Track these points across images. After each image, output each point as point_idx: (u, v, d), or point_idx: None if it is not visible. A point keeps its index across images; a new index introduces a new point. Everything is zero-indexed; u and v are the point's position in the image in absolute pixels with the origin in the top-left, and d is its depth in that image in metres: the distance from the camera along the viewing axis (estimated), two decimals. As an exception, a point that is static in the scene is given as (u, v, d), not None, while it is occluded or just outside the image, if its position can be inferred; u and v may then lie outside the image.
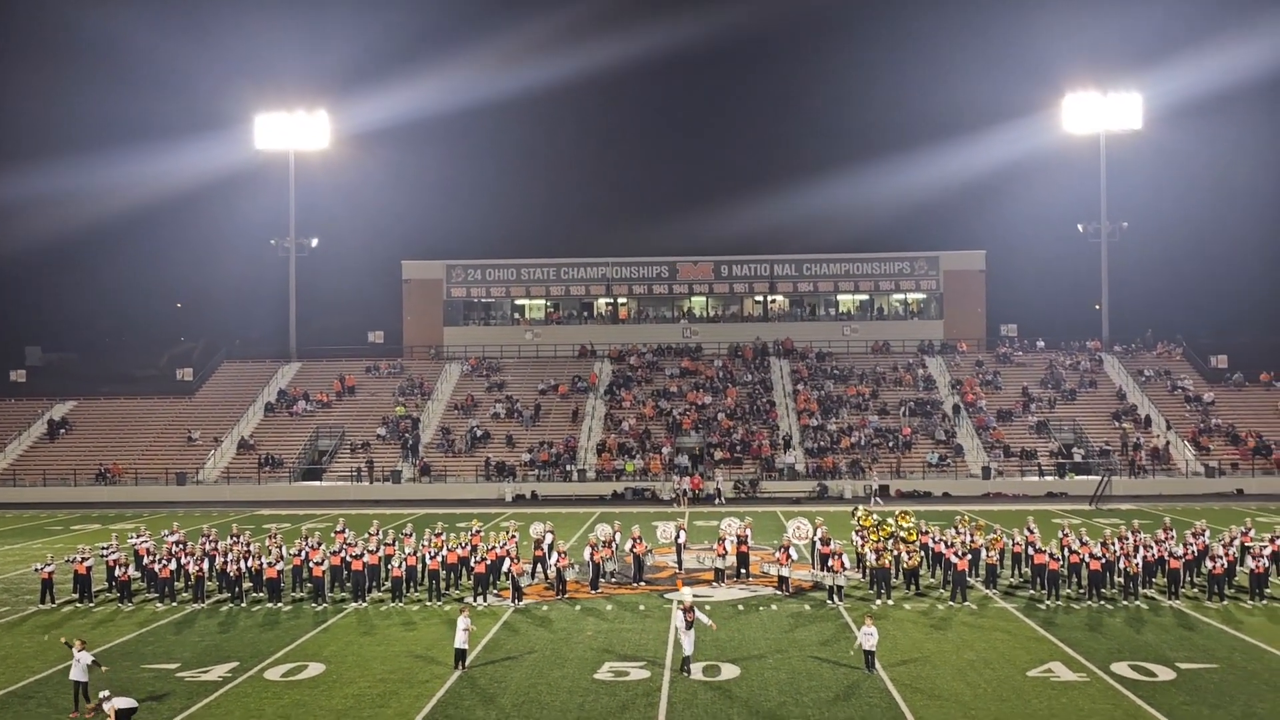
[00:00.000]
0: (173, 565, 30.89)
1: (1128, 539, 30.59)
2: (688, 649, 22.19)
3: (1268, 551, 30.46)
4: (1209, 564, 29.70)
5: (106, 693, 18.90)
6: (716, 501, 57.36)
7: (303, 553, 31.43)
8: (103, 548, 33.21)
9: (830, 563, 29.65)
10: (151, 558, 31.84)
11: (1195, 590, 30.22)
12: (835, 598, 29.10)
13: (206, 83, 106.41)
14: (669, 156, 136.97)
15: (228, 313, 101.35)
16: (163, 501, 60.90)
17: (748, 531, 33.55)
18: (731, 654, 23.73)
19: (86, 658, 20.05)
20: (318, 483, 64.59)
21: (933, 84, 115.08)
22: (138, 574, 32.67)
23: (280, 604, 29.59)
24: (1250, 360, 76.06)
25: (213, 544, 32.22)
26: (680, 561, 34.56)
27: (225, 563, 30.66)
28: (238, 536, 32.57)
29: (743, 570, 32.61)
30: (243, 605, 29.62)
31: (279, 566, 30.31)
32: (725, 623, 26.77)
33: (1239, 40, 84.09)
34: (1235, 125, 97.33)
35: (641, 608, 28.54)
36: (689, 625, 22.17)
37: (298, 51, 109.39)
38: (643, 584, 31.91)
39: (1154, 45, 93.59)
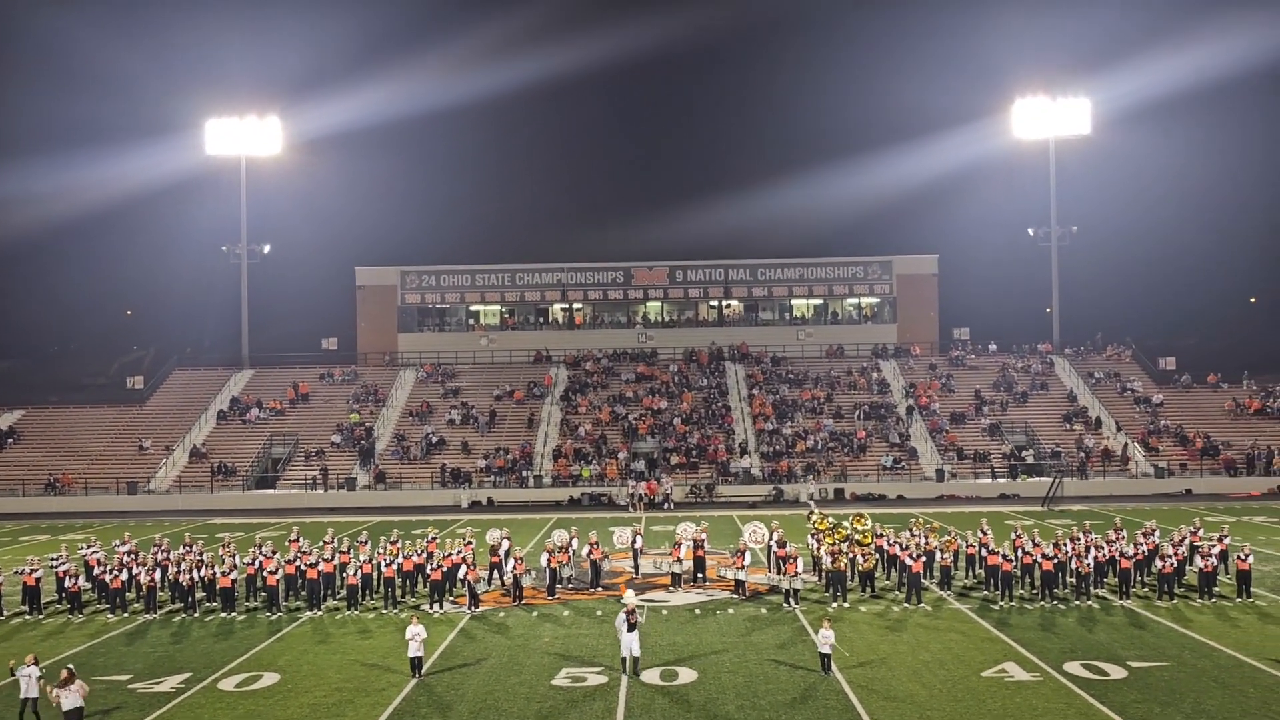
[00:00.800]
0: (124, 575, 30.52)
1: (1079, 539, 30.92)
2: (635, 650, 22.23)
3: (1216, 550, 30.89)
4: (1159, 563, 30.09)
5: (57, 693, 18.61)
6: (666, 506, 57.42)
7: (257, 561, 31.16)
8: (52, 558, 32.80)
9: (786, 566, 29.77)
10: (102, 568, 31.45)
11: (1145, 589, 30.59)
12: (791, 601, 29.22)
13: (156, 87, 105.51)
14: (623, 162, 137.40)
15: (179, 320, 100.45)
16: (114, 511, 60.13)
17: (704, 536, 33.63)
18: (689, 658, 23.76)
19: (36, 672, 19.74)
20: (271, 491, 64.04)
21: (885, 89, 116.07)
22: (88, 585, 32.26)
23: (234, 613, 29.31)
24: (1198, 362, 77.24)
25: (165, 553, 31.91)
26: (637, 566, 34.57)
27: (178, 572, 30.35)
28: (190, 546, 32.27)
29: (699, 574, 32.67)
30: (196, 615, 29.32)
31: (232, 575, 30.04)
32: (682, 627, 26.81)
33: (1185, 47, 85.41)
34: (1182, 131, 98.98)
35: (599, 613, 28.51)
36: (631, 627, 22.21)
37: (249, 56, 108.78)
38: (600, 589, 31.88)
39: (1102, 51, 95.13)
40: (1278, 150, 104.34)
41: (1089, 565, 29.95)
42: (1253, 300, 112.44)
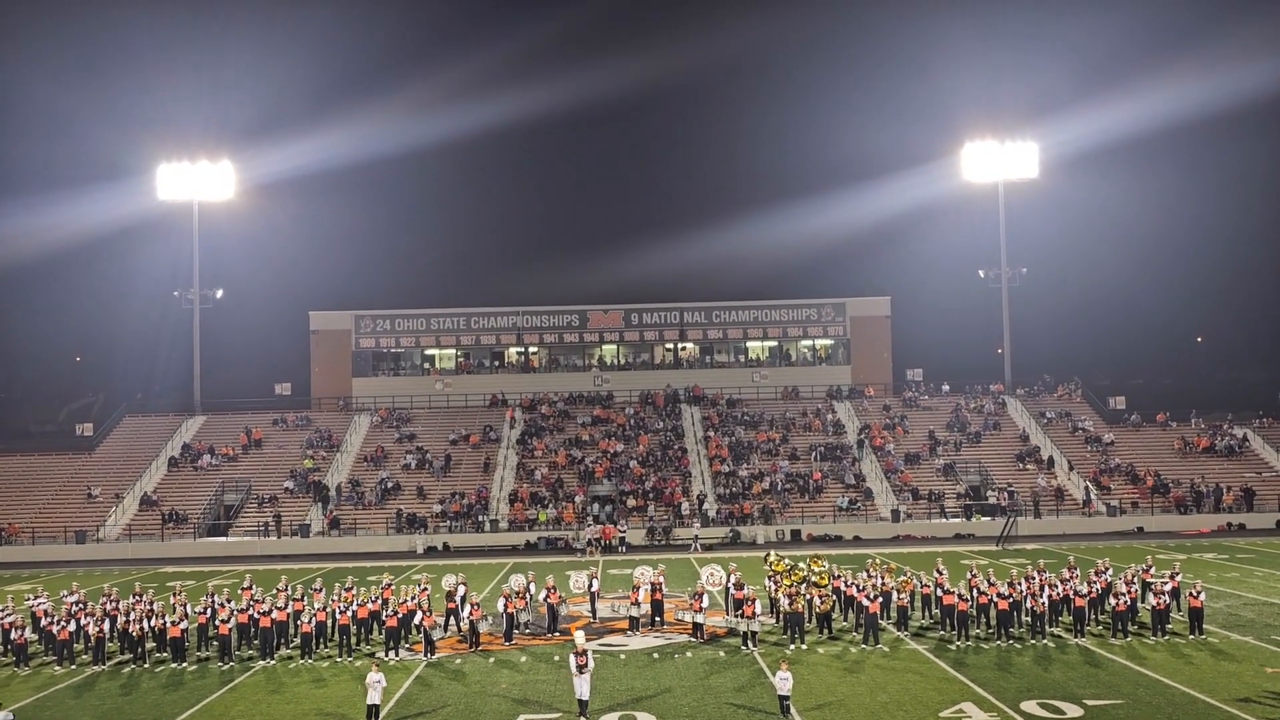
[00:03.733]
0: (72, 626, 30.01)
1: (1034, 578, 31.15)
2: (583, 693, 22.09)
3: (1168, 588, 31.20)
4: (1112, 601, 30.35)
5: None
6: (620, 550, 57.23)
7: (208, 610, 30.73)
8: (-2, 610, 32.16)
9: (744, 608, 29.74)
10: (49, 619, 30.90)
11: (1100, 627, 30.83)
12: (750, 643, 29.18)
13: (107, 131, 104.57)
14: (577, 205, 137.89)
15: (130, 366, 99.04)
16: (62, 561, 59.08)
17: (661, 579, 33.54)
18: (647, 700, 23.65)
19: (6, 716, 19.40)
20: (224, 538, 63.22)
21: (837, 133, 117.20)
22: (35, 636, 31.66)
23: (185, 664, 28.87)
24: (1147, 401, 78.31)
25: (114, 603, 31.38)
26: (595, 610, 34.40)
27: (127, 622, 29.85)
28: (140, 595, 31.76)
29: (657, 618, 32.54)
30: (145, 666, 28.85)
31: (183, 625, 29.60)
32: (641, 671, 26.70)
33: (1129, 94, 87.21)
34: (1127, 175, 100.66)
35: (556, 658, 28.33)
36: (581, 669, 22.09)
37: (201, 101, 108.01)
38: (557, 634, 31.69)
39: (1048, 97, 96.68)
40: (1220, 193, 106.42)
41: (1044, 604, 30.15)
42: (1199, 340, 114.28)
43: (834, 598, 32.36)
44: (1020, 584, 30.90)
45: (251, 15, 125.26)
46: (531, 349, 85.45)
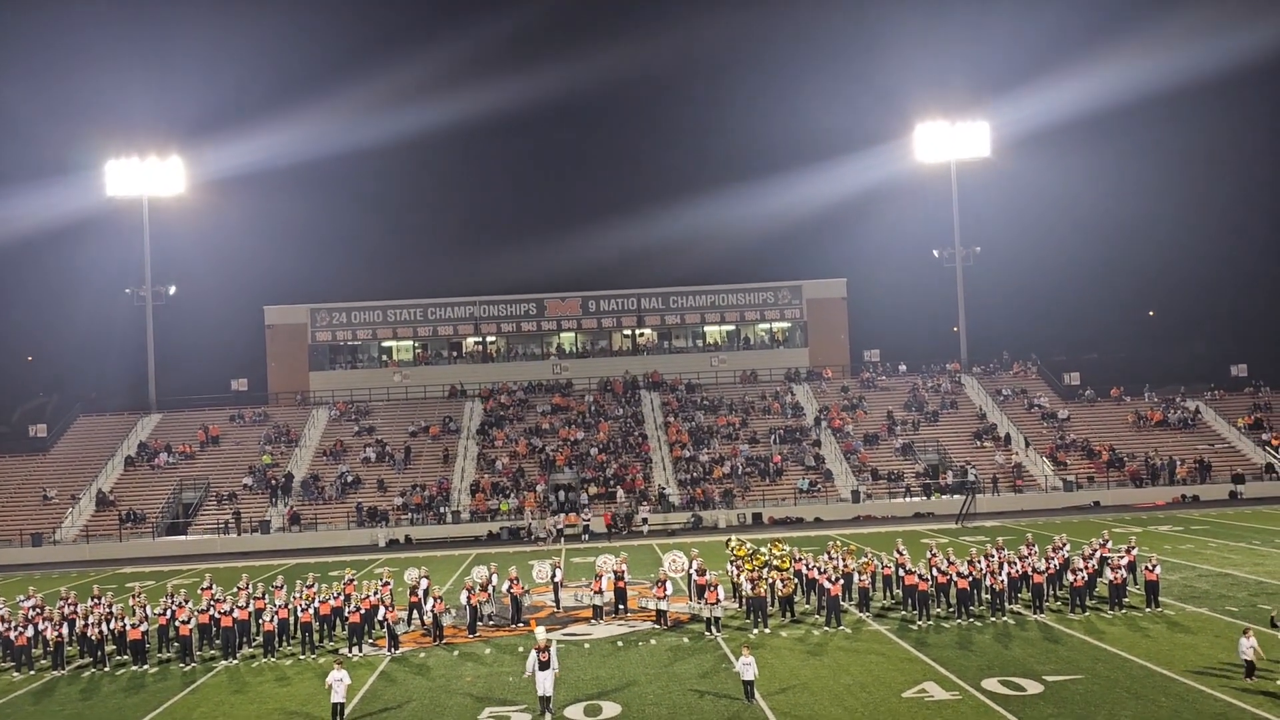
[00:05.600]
0: (29, 632, 29.68)
1: (993, 556, 31.47)
2: (546, 689, 21.99)
3: (1125, 562, 31.58)
4: (1070, 577, 30.69)
5: None
6: (583, 537, 57.35)
7: (168, 611, 30.49)
8: (-47, 617, 31.74)
9: (706, 594, 29.85)
10: (6, 625, 30.54)
11: (1058, 603, 31.19)
12: (713, 629, 29.30)
13: (53, 127, 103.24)
14: (532, 192, 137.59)
15: (82, 365, 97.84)
16: (17, 564, 58.40)
17: (624, 567, 33.60)
18: (612, 691, 23.71)
19: None
20: (183, 537, 62.74)
21: (788, 115, 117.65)
22: (-8, 643, 31.29)
23: (146, 666, 28.64)
24: (1101, 376, 79.08)
25: (72, 607, 31.07)
26: (558, 600, 34.42)
27: (86, 626, 29.57)
28: (99, 598, 31.45)
29: (621, 606, 32.61)
30: (106, 669, 28.59)
31: (143, 627, 29.33)
32: (605, 660, 26.75)
33: (1079, 73, 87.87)
34: (1078, 153, 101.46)
35: (521, 649, 28.32)
36: (544, 665, 21.98)
37: (149, 96, 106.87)
38: (521, 625, 31.67)
39: (999, 77, 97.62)
40: (1170, 169, 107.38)
41: (1003, 581, 30.47)
42: (1151, 314, 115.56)
43: (796, 581, 32.56)
44: (980, 562, 31.19)
45: (201, 9, 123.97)
46: (489, 338, 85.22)
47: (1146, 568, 30.59)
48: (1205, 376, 79.11)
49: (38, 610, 30.96)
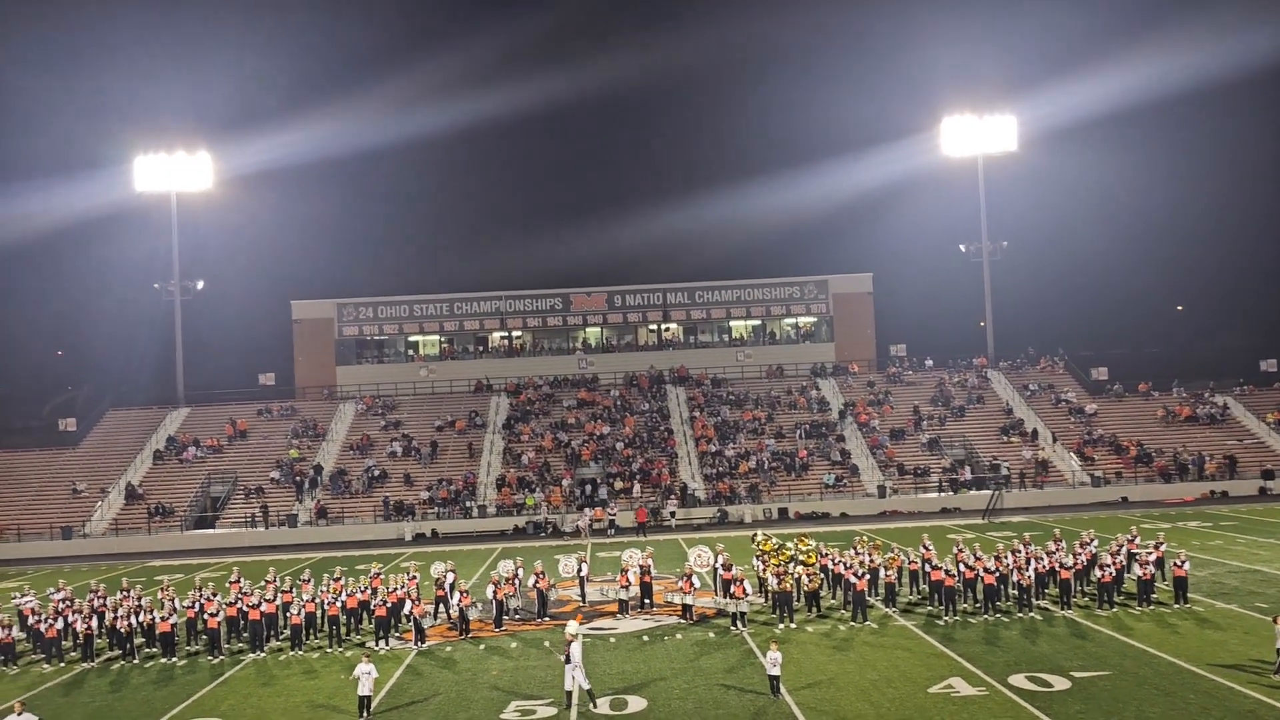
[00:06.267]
0: (59, 624, 29.93)
1: (1020, 551, 31.33)
2: (584, 683, 22.07)
3: (1153, 558, 31.41)
4: (1098, 572, 30.52)
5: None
6: (609, 533, 57.37)
7: (197, 604, 30.69)
8: (-15, 609, 32.07)
9: (733, 589, 29.83)
10: (37, 617, 30.82)
11: (1086, 599, 31.02)
12: (739, 624, 29.29)
13: (83, 123, 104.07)
14: (560, 188, 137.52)
15: (112, 359, 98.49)
16: (48, 557, 58.94)
17: (650, 561, 33.60)
18: (638, 685, 23.73)
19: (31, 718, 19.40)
20: (211, 530, 63.16)
21: (816, 110, 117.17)
22: (22, 635, 31.58)
23: (174, 659, 28.84)
24: (1129, 371, 78.51)
25: (101, 599, 31.31)
26: (584, 594, 34.47)
27: (115, 618, 29.80)
28: (128, 590, 31.68)
29: (646, 600, 32.62)
30: (135, 662, 28.81)
31: (172, 620, 29.53)
32: (631, 654, 26.79)
33: (1107, 67, 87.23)
34: (1106, 147, 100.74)
35: (546, 644, 28.39)
36: (568, 659, 22.05)
37: (177, 92, 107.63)
38: (547, 619, 31.74)
39: (1027, 71, 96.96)
40: (1198, 163, 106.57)
41: (1030, 577, 30.33)
42: (1179, 309, 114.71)
43: (822, 576, 32.49)
44: (1006, 558, 31.06)
45: (229, 6, 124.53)
46: (515, 333, 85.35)
47: (1175, 563, 30.40)
48: (1234, 371, 78.40)
49: (67, 603, 31.21)
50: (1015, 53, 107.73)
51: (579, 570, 34.73)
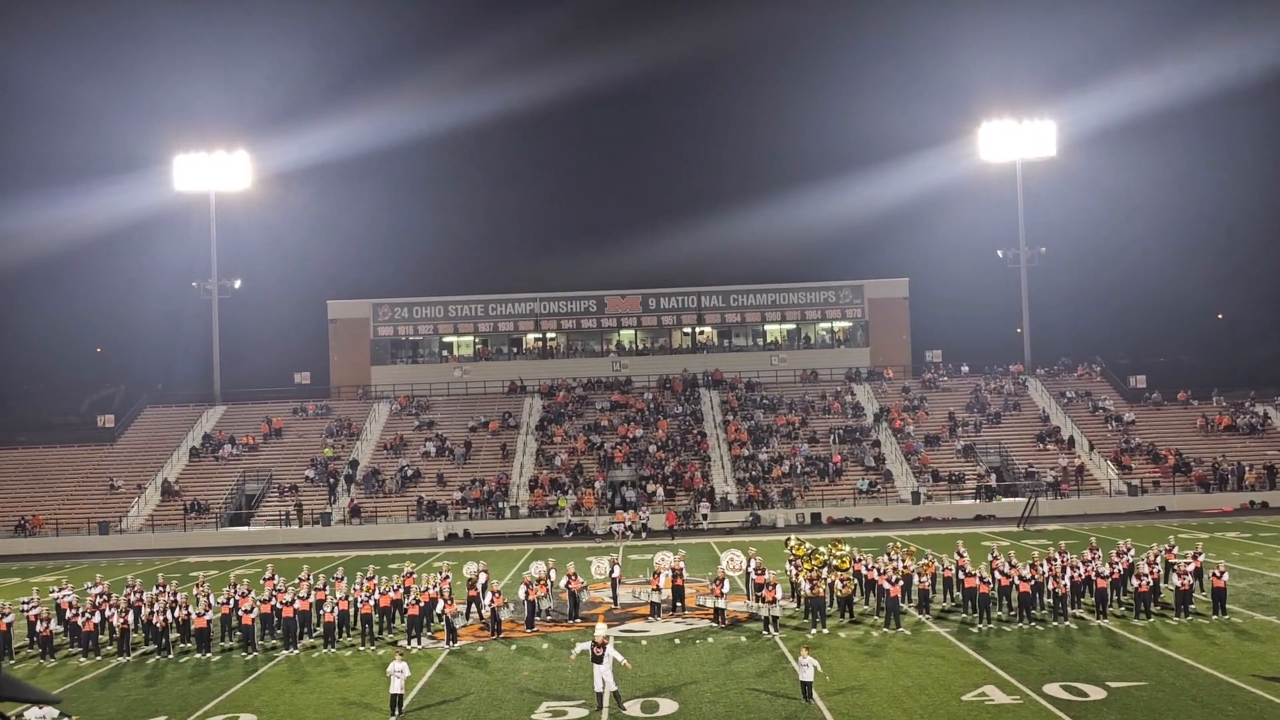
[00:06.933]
0: (96, 618, 30.18)
1: (1055, 560, 31.03)
2: (611, 684, 22.01)
3: (1191, 568, 31.03)
4: (1134, 582, 30.20)
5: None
6: (641, 535, 57.17)
7: (231, 600, 30.88)
8: (23, 602, 32.30)
9: (765, 593, 29.72)
10: (74, 611, 31.08)
11: (1122, 609, 30.71)
12: (771, 628, 29.17)
13: (124, 123, 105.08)
14: (595, 190, 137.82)
15: (149, 357, 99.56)
16: (85, 552, 59.52)
17: (682, 564, 33.53)
18: (669, 688, 23.67)
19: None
20: (245, 528, 63.59)
21: (852, 114, 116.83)
22: (60, 628, 31.87)
23: (209, 654, 29.02)
24: (1168, 379, 77.82)
25: (138, 594, 31.56)
26: (616, 596, 34.43)
27: (151, 613, 30.04)
28: (164, 586, 31.92)
29: (678, 603, 32.54)
30: (170, 657, 29.01)
31: (207, 616, 29.73)
32: (662, 657, 26.73)
33: (1147, 71, 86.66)
34: (1145, 152, 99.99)
35: (577, 645, 28.35)
36: (597, 660, 21.98)
37: (216, 91, 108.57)
38: (579, 621, 31.72)
39: (1065, 75, 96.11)
40: (1240, 169, 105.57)
41: (1066, 585, 30.04)
42: (1220, 316, 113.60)
43: (855, 581, 32.32)
44: (1042, 565, 30.76)
45: (266, 4, 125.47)
46: (549, 335, 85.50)
47: (1214, 574, 30.02)
48: (1275, 381, 77.54)
49: (104, 597, 31.48)
50: (1054, 57, 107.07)
51: (611, 572, 34.71)
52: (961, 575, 31.30)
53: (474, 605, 32.36)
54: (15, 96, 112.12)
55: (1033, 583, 30.02)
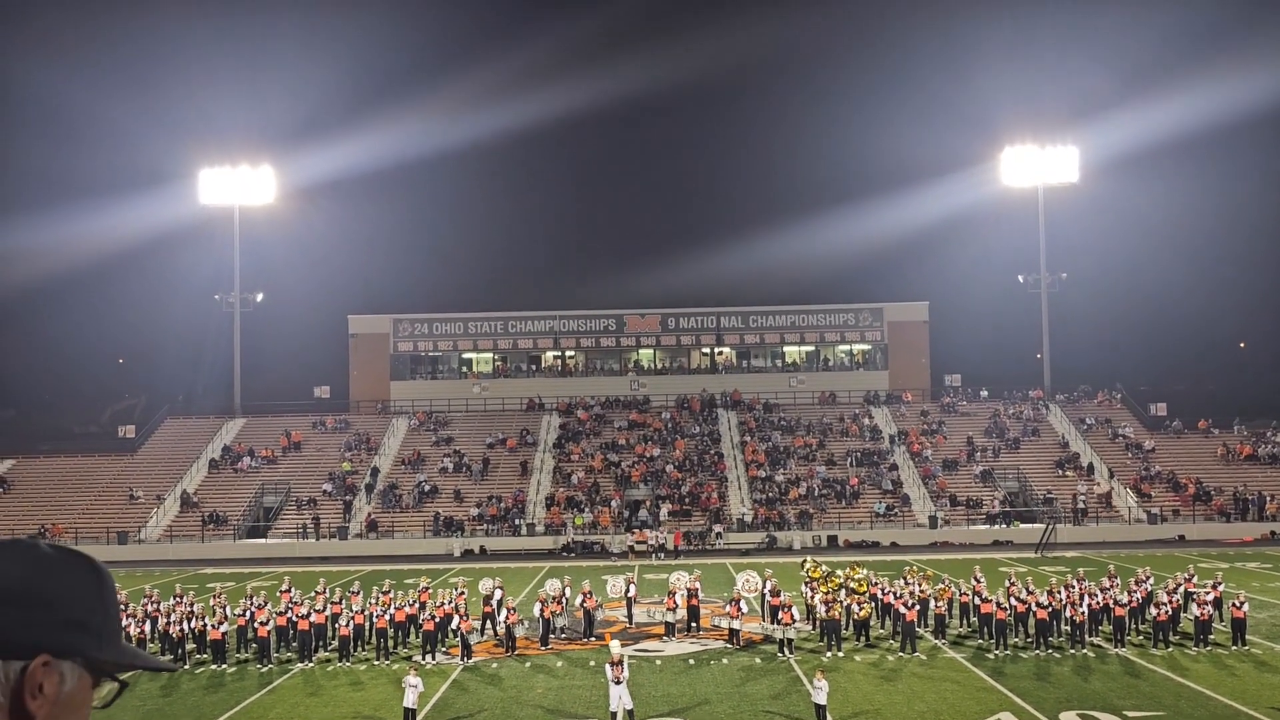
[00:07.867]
0: (114, 627, 30.24)
1: (1073, 587, 30.85)
2: (628, 703, 21.97)
3: (1210, 598, 30.81)
4: (1153, 610, 30.01)
5: None
6: (660, 555, 56.98)
7: (248, 612, 30.98)
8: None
9: (780, 615, 29.65)
10: (92, 620, 31.16)
11: (1140, 637, 30.52)
12: (786, 650, 29.09)
13: (149, 138, 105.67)
14: (616, 209, 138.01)
15: (171, 369, 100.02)
16: (104, 561, 59.45)
17: (698, 584, 33.50)
18: (683, 709, 23.62)
19: None
20: (263, 540, 63.77)
21: (875, 138, 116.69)
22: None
23: (225, 665, 29.11)
24: (1188, 407, 77.37)
25: (155, 604, 31.69)
26: (631, 615, 34.40)
27: (168, 624, 30.16)
28: (181, 597, 32.04)
29: (693, 624, 32.51)
30: (185, 667, 29.10)
31: (223, 627, 29.82)
32: (676, 677, 26.68)
33: (1170, 97, 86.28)
34: (1169, 178, 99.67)
35: (592, 664, 28.34)
36: (617, 680, 21.97)
37: (241, 106, 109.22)
38: (594, 639, 31.69)
39: (1089, 101, 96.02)
40: (1264, 196, 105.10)
41: (1083, 613, 29.87)
42: (1242, 345, 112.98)
43: (872, 605, 32.21)
44: (1060, 593, 30.61)
45: (291, 19, 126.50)
46: (568, 353, 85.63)
47: (1234, 604, 29.79)
48: (1298, 411, 77.05)
49: (122, 607, 31.59)
50: (1077, 82, 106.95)
51: (626, 591, 34.69)
52: (978, 601, 31.17)
53: (489, 622, 32.37)
54: (43, 112, 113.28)
55: (1050, 609, 29.87)
